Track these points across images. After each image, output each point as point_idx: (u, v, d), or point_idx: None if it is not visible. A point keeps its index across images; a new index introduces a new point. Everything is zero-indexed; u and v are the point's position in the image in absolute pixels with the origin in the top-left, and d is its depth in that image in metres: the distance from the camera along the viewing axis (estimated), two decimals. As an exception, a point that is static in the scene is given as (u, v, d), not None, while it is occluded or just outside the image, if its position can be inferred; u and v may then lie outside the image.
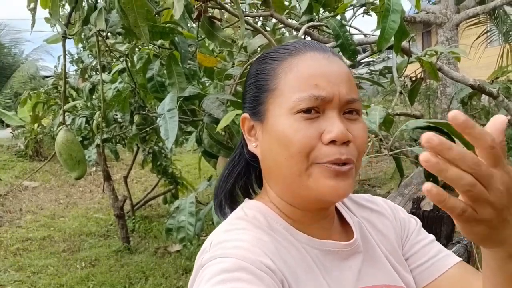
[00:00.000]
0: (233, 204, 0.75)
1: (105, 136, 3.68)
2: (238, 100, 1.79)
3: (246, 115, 0.70)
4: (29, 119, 4.63)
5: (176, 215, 1.74)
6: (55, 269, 3.81)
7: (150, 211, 5.49)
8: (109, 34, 1.57)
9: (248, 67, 1.89)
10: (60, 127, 1.57)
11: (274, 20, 2.47)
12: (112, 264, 3.90)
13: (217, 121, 1.70)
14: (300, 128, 0.61)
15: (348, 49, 1.73)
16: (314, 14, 2.08)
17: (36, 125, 5.86)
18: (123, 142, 4.33)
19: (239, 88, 1.95)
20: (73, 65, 4.33)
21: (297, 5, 2.37)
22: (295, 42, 0.69)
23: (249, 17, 2.18)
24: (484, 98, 3.79)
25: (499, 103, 3.00)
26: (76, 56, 4.15)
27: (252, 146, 0.70)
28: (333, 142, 0.60)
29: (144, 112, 2.88)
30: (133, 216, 5.07)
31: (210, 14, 1.38)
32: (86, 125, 3.57)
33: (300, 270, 0.62)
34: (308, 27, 1.99)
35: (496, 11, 7.64)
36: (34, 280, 3.60)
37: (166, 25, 1.69)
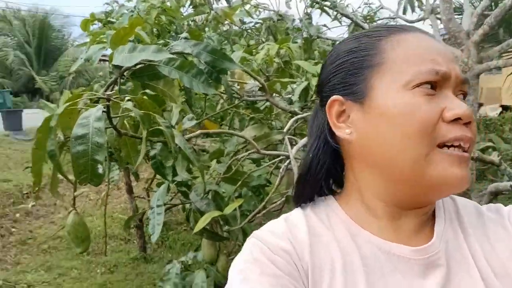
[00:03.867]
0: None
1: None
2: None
3: (337, 97, 0.60)
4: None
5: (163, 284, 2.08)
6: (78, 273, 4.30)
7: (170, 216, 5.92)
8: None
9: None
10: (70, 211, 1.93)
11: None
12: (128, 272, 4.34)
13: (199, 211, 2.02)
14: (420, 104, 0.53)
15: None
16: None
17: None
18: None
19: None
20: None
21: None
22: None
23: (247, 99, 2.46)
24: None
25: (502, 171, 3.05)
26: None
27: (343, 133, 0.60)
28: (456, 120, 0.53)
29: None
30: (152, 222, 5.51)
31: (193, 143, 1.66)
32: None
33: (338, 265, 0.56)
34: (296, 121, 2.23)
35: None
36: (59, 282, 4.10)
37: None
